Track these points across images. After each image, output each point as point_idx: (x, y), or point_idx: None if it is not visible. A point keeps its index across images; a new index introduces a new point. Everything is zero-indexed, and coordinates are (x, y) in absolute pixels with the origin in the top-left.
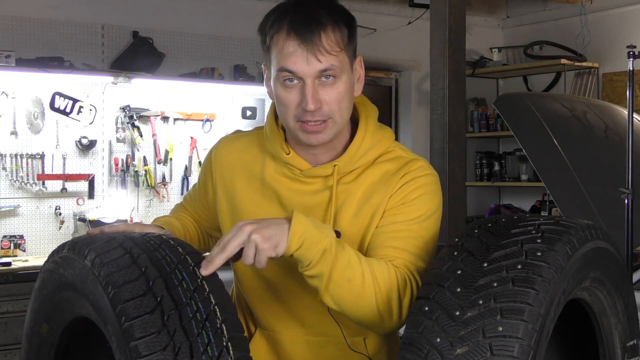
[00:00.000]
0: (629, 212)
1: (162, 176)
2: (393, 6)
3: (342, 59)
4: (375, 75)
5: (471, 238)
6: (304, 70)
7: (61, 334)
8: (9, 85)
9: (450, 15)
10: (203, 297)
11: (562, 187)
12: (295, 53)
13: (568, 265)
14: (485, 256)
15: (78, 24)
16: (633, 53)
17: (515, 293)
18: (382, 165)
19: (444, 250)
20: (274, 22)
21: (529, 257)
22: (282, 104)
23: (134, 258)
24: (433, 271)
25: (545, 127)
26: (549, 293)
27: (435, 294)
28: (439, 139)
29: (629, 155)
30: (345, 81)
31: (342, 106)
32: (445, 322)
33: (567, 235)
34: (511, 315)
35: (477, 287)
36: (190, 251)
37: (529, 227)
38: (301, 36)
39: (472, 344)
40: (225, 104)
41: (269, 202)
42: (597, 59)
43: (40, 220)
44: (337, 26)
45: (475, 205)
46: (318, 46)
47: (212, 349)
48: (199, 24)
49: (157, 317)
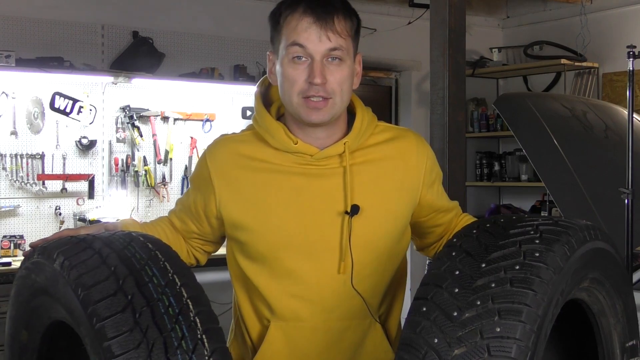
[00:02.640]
0: (629, 212)
1: (162, 176)
2: (393, 6)
3: (349, 44)
4: (375, 75)
5: (469, 238)
6: (315, 47)
7: (41, 339)
8: (9, 85)
9: (450, 15)
10: (175, 292)
11: (562, 187)
12: (309, 29)
13: (566, 266)
14: (483, 257)
15: (78, 24)
16: (633, 53)
17: (513, 294)
18: (383, 141)
19: (442, 251)
20: (289, 4)
21: (527, 257)
22: (289, 80)
23: (103, 258)
24: (431, 272)
25: (545, 127)
26: (547, 294)
27: (434, 294)
28: (439, 139)
29: (629, 155)
30: (349, 66)
31: (344, 88)
32: (443, 323)
33: (565, 235)
34: (509, 316)
35: (475, 287)
36: (160, 247)
37: (528, 227)
38: (316, 15)
39: (470, 344)
40: (225, 104)
41: (283, 192)
42: (597, 59)
43: (40, 220)
44: (348, 15)
45: (475, 205)
46: (331, 25)
47: (187, 343)
48: (199, 24)
49: (129, 316)
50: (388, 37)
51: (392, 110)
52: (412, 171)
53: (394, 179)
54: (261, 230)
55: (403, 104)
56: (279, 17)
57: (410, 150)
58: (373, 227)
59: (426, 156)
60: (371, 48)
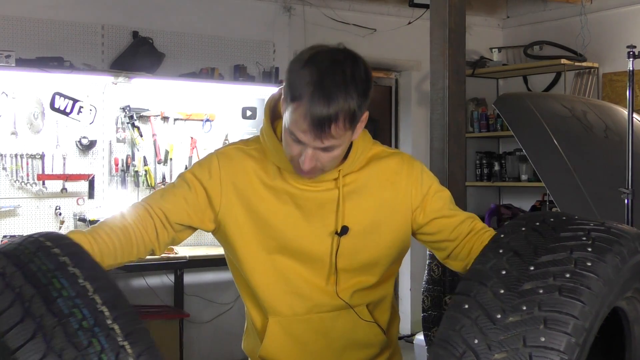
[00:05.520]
0: (629, 212)
1: (162, 176)
2: (393, 6)
3: (346, 135)
4: (375, 75)
5: (518, 236)
6: (308, 143)
7: None
8: (9, 85)
9: (450, 15)
10: (87, 301)
11: (562, 187)
12: (306, 132)
13: (617, 278)
14: (532, 259)
15: (78, 24)
16: (633, 53)
17: (561, 303)
18: (375, 162)
19: (488, 246)
20: (297, 88)
21: (579, 266)
22: (285, 143)
23: (7, 280)
24: (475, 267)
25: (545, 127)
26: (595, 307)
27: (477, 292)
28: (439, 139)
29: (629, 155)
30: (343, 147)
31: (335, 161)
32: (485, 324)
33: (617, 245)
34: (555, 326)
35: (521, 291)
36: (70, 250)
37: (579, 232)
38: (314, 125)
39: (512, 350)
40: (225, 104)
41: (284, 204)
42: (597, 59)
43: (40, 220)
44: (349, 113)
45: (475, 205)
46: (327, 134)
47: (107, 355)
48: (199, 24)
49: (40, 342)
50: (388, 37)
51: (392, 110)
52: (402, 193)
53: (383, 201)
54: (259, 236)
55: (403, 104)
56: (289, 93)
57: (401, 173)
58: (361, 246)
59: (415, 178)
60: (371, 48)
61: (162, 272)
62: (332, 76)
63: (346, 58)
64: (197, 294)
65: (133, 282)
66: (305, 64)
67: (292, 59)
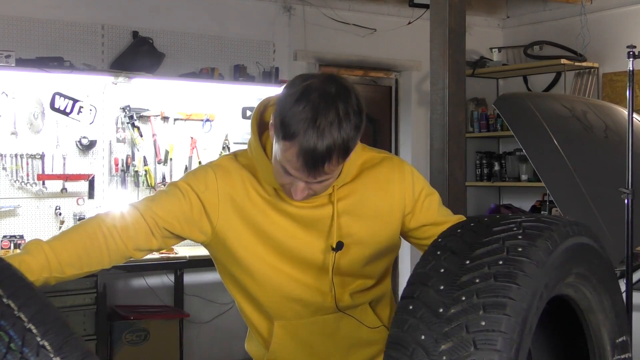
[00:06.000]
0: (629, 212)
1: (162, 176)
2: (393, 6)
3: (339, 168)
4: (375, 75)
5: (454, 237)
6: (300, 179)
7: None
8: (9, 85)
9: (450, 15)
10: (14, 321)
11: (562, 187)
12: (298, 169)
13: (550, 260)
14: (467, 254)
15: (78, 24)
16: (633, 53)
17: (497, 288)
18: (367, 171)
19: (427, 250)
20: (292, 133)
21: (510, 252)
22: (274, 173)
23: None
24: (417, 271)
25: (545, 127)
26: (531, 287)
27: (420, 292)
28: (439, 139)
29: (629, 155)
30: (336, 176)
31: (328, 187)
32: (429, 320)
33: (547, 231)
34: (494, 309)
35: (459, 284)
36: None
37: (511, 224)
38: (307, 165)
39: (457, 339)
40: (225, 104)
41: (282, 216)
42: (597, 59)
43: (40, 220)
44: (342, 149)
45: (475, 205)
46: (320, 173)
47: None
48: (199, 24)
49: None
50: (388, 37)
51: (392, 110)
52: (395, 200)
53: (378, 211)
54: (259, 246)
55: (403, 104)
56: (280, 128)
57: (394, 181)
58: (358, 257)
59: (407, 184)
60: (371, 48)
61: (162, 272)
62: (326, 114)
63: (338, 92)
64: (197, 294)
65: (133, 282)
66: (297, 100)
67: (284, 89)
